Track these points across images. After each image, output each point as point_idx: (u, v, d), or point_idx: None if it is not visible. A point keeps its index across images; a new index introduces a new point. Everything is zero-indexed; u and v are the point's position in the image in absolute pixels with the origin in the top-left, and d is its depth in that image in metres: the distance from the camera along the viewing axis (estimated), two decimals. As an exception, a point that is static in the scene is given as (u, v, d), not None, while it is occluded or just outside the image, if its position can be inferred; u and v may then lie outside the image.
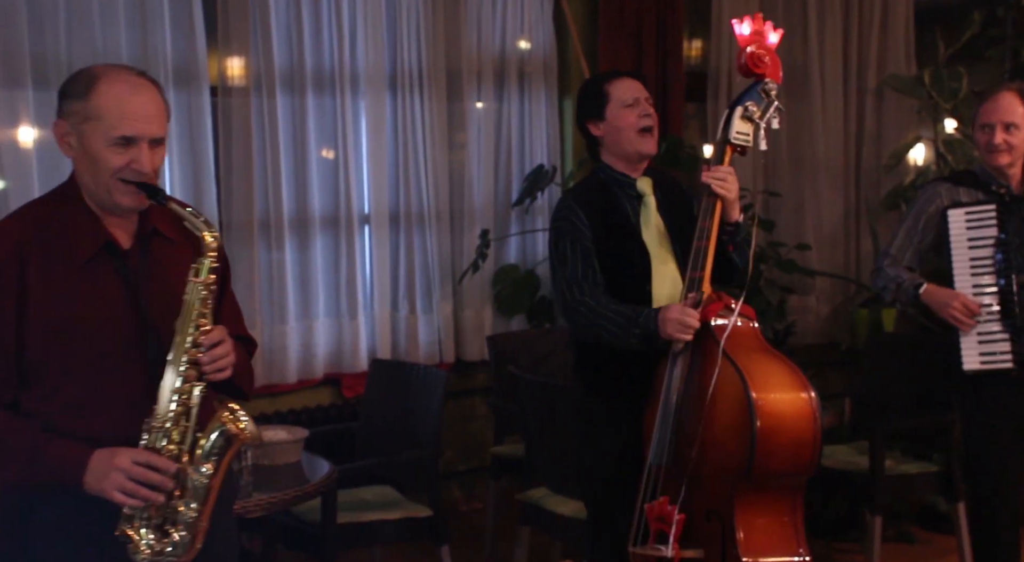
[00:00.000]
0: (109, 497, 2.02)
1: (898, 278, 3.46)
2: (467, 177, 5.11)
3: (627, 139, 3.08)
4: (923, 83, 5.39)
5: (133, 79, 2.13)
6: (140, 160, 2.08)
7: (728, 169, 2.97)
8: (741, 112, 2.97)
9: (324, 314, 4.78)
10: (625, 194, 3.12)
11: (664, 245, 3.08)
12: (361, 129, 4.85)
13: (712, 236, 2.94)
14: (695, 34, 5.85)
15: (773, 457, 2.79)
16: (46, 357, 2.06)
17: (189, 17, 4.36)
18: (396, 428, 4.05)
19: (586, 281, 3.03)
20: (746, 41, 2.98)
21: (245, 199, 4.55)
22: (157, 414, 2.07)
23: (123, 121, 2.06)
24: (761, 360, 2.89)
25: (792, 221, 5.75)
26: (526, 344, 4.82)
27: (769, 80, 2.98)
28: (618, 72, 3.19)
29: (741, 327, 2.94)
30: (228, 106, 4.51)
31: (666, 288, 3.06)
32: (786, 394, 2.84)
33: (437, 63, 4.98)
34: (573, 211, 3.08)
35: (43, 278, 2.06)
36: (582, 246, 3.05)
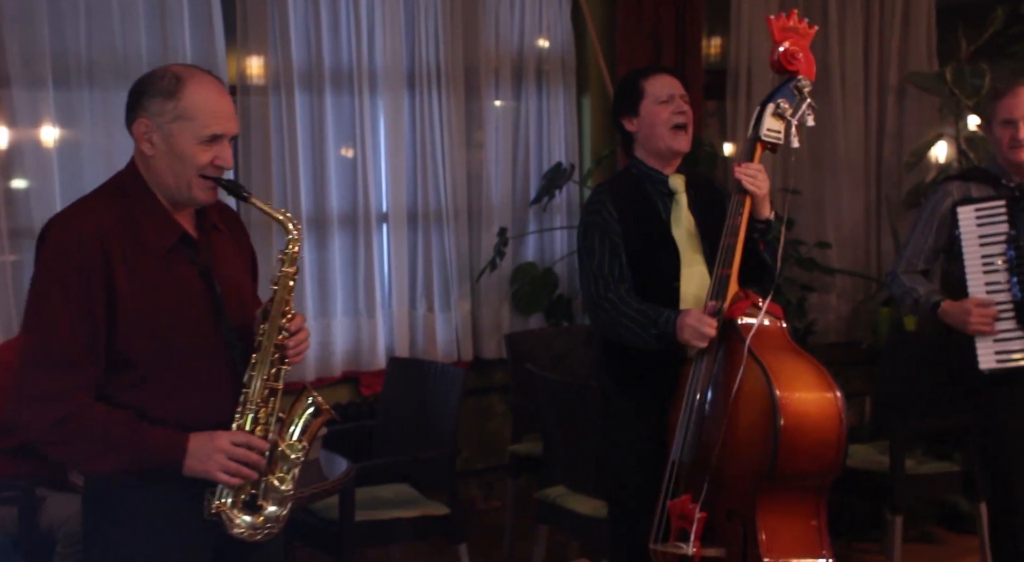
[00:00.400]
0: (212, 477, 2.13)
1: (914, 292, 3.40)
2: (485, 175, 5.10)
3: (659, 135, 3.07)
4: (945, 80, 5.34)
5: (214, 79, 2.23)
6: (225, 156, 2.20)
7: (758, 166, 2.95)
8: (773, 109, 2.95)
9: (342, 312, 4.78)
10: (657, 191, 3.11)
11: (693, 244, 3.07)
12: (379, 127, 4.84)
13: (741, 233, 2.92)
14: (714, 31, 5.81)
15: (796, 457, 2.77)
16: (135, 347, 2.13)
17: (208, 16, 4.37)
18: (414, 426, 4.04)
19: (611, 277, 3.03)
20: (780, 38, 2.96)
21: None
22: (250, 396, 2.17)
23: (215, 120, 2.16)
24: (787, 359, 2.87)
25: (812, 219, 5.71)
26: (544, 342, 4.80)
27: (802, 77, 2.96)
28: (655, 68, 3.21)
29: (768, 326, 2.92)
30: (247, 105, 4.51)
31: (693, 287, 3.04)
32: (811, 393, 2.82)
33: (455, 61, 4.97)
34: (604, 205, 3.08)
35: (129, 270, 2.13)
36: (610, 241, 3.04)
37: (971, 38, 5.54)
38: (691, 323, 2.85)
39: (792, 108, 2.94)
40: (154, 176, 2.20)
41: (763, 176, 2.93)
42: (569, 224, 5.30)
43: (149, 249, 2.17)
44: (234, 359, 2.21)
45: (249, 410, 2.18)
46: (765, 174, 2.94)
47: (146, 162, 2.20)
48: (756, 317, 2.88)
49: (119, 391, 2.14)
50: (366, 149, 4.77)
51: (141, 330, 2.13)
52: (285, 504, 2.22)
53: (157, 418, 2.14)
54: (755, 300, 2.92)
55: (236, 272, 2.31)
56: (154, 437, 2.12)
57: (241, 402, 2.18)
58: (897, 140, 5.86)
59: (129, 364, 2.14)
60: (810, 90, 2.95)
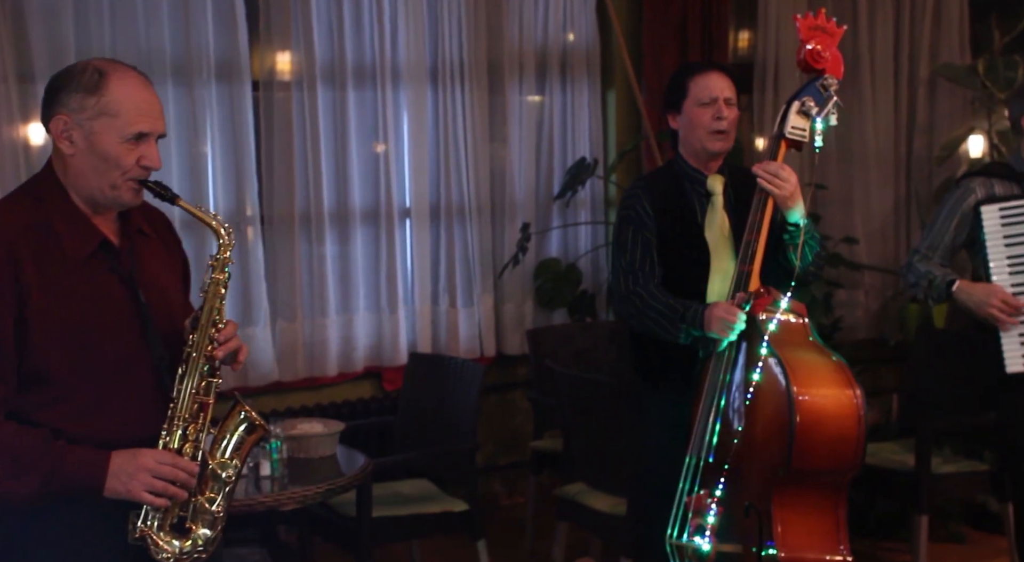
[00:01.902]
0: (136, 498, 2.01)
1: (929, 274, 3.33)
2: (508, 170, 5.08)
3: (697, 137, 3.05)
4: (977, 73, 5.27)
5: (139, 75, 2.11)
6: (152, 156, 2.07)
7: (780, 165, 2.91)
8: (798, 107, 2.92)
9: (364, 308, 4.78)
10: (695, 191, 3.09)
11: (726, 246, 3.06)
12: (402, 122, 4.84)
13: (763, 231, 2.90)
14: (742, 25, 5.75)
15: (812, 454, 2.73)
16: (51, 362, 2.00)
17: (231, 12, 4.38)
18: (434, 422, 4.03)
19: (642, 271, 3.04)
20: (807, 37, 2.93)
21: (286, 193, 4.56)
22: (178, 411, 2.06)
23: (140, 117, 2.04)
24: (806, 356, 2.84)
25: (840, 214, 5.64)
26: (567, 338, 4.78)
27: (829, 76, 2.93)
28: (705, 65, 3.15)
29: (789, 322, 2.88)
30: (270, 100, 4.52)
31: (718, 285, 3.04)
32: (829, 390, 2.78)
33: (479, 55, 4.95)
34: (639, 200, 3.08)
35: (41, 280, 2.00)
36: (643, 237, 3.05)
37: (1004, 29, 5.46)
38: (718, 314, 2.85)
39: (818, 106, 2.90)
40: (73, 177, 2.07)
41: (785, 174, 2.88)
42: (593, 219, 5.27)
43: (65, 257, 2.03)
44: (161, 372, 2.08)
45: (177, 426, 2.05)
46: (789, 172, 2.90)
47: (64, 162, 2.06)
48: (776, 314, 2.85)
49: (34, 409, 1.99)
50: (389, 144, 4.77)
51: (57, 344, 1.99)
52: (216, 526, 2.09)
53: (76, 436, 1.99)
54: (776, 296, 2.89)
55: (164, 279, 2.17)
56: (72, 456, 1.98)
57: (168, 418, 2.05)
58: (927, 134, 5.77)
59: (45, 380, 2.00)
60: (836, 89, 2.92)
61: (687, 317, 2.92)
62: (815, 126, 2.91)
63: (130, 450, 2.01)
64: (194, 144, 4.34)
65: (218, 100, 4.39)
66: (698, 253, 3.05)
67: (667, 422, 3.04)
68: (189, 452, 2.06)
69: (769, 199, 2.90)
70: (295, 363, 4.59)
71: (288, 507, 3.15)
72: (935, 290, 3.32)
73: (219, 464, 2.09)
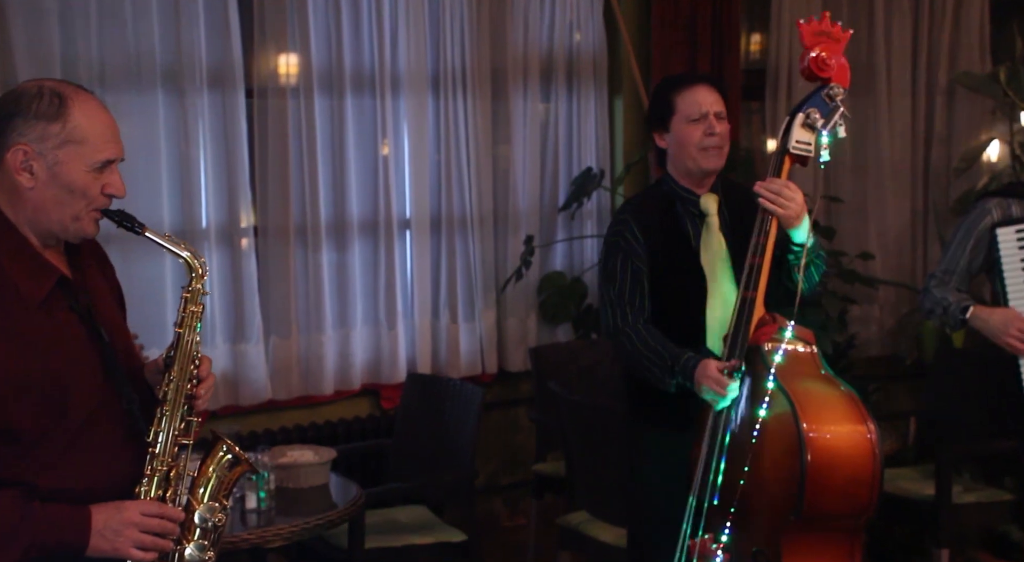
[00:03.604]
0: (125, 555, 1.89)
1: (944, 301, 3.16)
2: (512, 180, 4.92)
3: (689, 156, 2.87)
4: (999, 81, 5.10)
5: (94, 97, 1.97)
6: (117, 184, 1.94)
7: (783, 182, 2.74)
8: (802, 119, 2.74)
9: (362, 323, 4.62)
10: (688, 211, 2.92)
11: (724, 270, 2.88)
12: (402, 131, 4.68)
13: (767, 253, 2.72)
14: (754, 28, 5.59)
15: (825, 496, 2.56)
16: (16, 415, 1.84)
17: (224, 16, 4.23)
18: (431, 446, 3.88)
19: (631, 305, 2.86)
20: (811, 43, 2.76)
21: (281, 203, 4.40)
22: (157, 455, 1.94)
23: (106, 144, 1.91)
24: (816, 389, 2.67)
25: (855, 228, 5.46)
26: (570, 356, 4.62)
27: (835, 85, 2.75)
28: (691, 78, 2.95)
29: (797, 352, 2.71)
30: (264, 108, 4.37)
31: (719, 311, 2.86)
32: (842, 426, 2.61)
33: (481, 62, 4.79)
34: (628, 226, 2.90)
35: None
36: (633, 266, 2.87)
37: (1027, 36, 5.29)
38: (708, 383, 2.67)
39: (824, 118, 2.73)
40: (28, 211, 1.90)
41: (790, 193, 2.71)
42: (599, 232, 5.10)
43: (21, 299, 1.87)
44: (132, 414, 1.94)
45: (157, 471, 1.93)
46: (794, 190, 2.73)
47: (18, 196, 1.89)
48: (783, 343, 2.68)
49: (2, 466, 1.85)
50: (388, 153, 4.61)
51: (20, 395, 1.83)
52: None
53: (50, 493, 1.86)
54: (782, 324, 2.72)
55: (114, 312, 2.04)
56: (51, 520, 1.84)
57: (147, 463, 1.93)
58: (946, 144, 5.59)
59: (10, 435, 1.84)
60: (843, 98, 2.75)
61: (677, 370, 2.74)
62: (821, 140, 2.73)
63: (112, 504, 1.89)
64: (185, 153, 4.19)
65: (210, 108, 4.24)
66: (694, 279, 2.87)
67: (667, 462, 2.87)
68: (171, 498, 1.95)
69: (773, 219, 2.73)
70: (289, 381, 4.44)
71: (275, 544, 3.00)
72: (950, 318, 3.16)
73: (206, 508, 1.98)
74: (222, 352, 4.30)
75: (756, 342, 2.70)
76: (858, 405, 2.64)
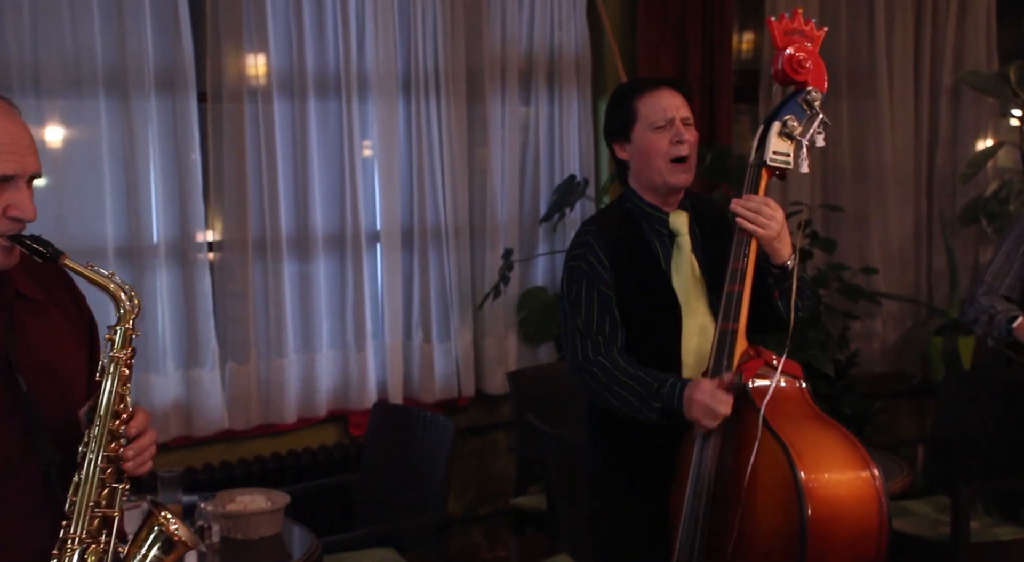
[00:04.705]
0: None
1: (991, 309, 3.02)
2: (489, 190, 4.59)
3: (655, 169, 2.56)
4: (1007, 80, 4.80)
5: (3, 103, 1.68)
6: (22, 205, 1.65)
7: (763, 199, 2.43)
8: (779, 128, 2.45)
9: (328, 345, 4.30)
10: (655, 231, 2.60)
11: (699, 295, 2.57)
12: (370, 136, 4.36)
13: (747, 279, 2.42)
14: (746, 26, 5.30)
15: (829, 553, 2.25)
16: None
17: (174, 13, 3.90)
18: (399, 483, 3.55)
19: (601, 335, 2.54)
20: (783, 42, 2.47)
21: (238, 216, 4.08)
22: (72, 531, 1.65)
23: (6, 156, 1.64)
24: (811, 431, 2.36)
25: (856, 238, 5.15)
26: (551, 379, 4.29)
27: (812, 89, 2.47)
28: (653, 81, 2.62)
29: (785, 388, 2.41)
30: (219, 112, 4.04)
31: (695, 341, 2.55)
32: (843, 474, 2.30)
33: (456, 62, 4.48)
34: (591, 249, 2.58)
35: None
36: (599, 292, 2.55)
37: (1036, 34, 4.99)
38: (702, 399, 2.34)
39: (801, 126, 2.44)
40: None
41: (770, 211, 2.40)
42: (583, 243, 4.78)
43: None
44: (51, 480, 1.69)
45: (71, 550, 1.65)
46: (774, 207, 2.42)
47: None
48: (770, 379, 2.36)
49: None
50: (355, 161, 4.29)
51: None
52: None
53: None
54: (768, 358, 2.41)
55: (57, 356, 1.76)
56: None
57: (60, 540, 1.66)
58: (952, 148, 5.28)
59: None
60: (821, 103, 2.46)
61: (663, 394, 2.42)
62: (801, 150, 2.44)
63: None
64: (131, 163, 3.86)
65: (159, 113, 3.91)
66: (667, 306, 2.55)
67: (638, 510, 2.55)
68: None
69: (752, 241, 2.42)
70: (248, 409, 4.11)
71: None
72: (995, 328, 3.03)
73: None
74: (174, 379, 3.98)
75: (742, 379, 2.39)
76: (858, 448, 2.33)
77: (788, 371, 2.42)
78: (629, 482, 2.58)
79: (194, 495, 3.01)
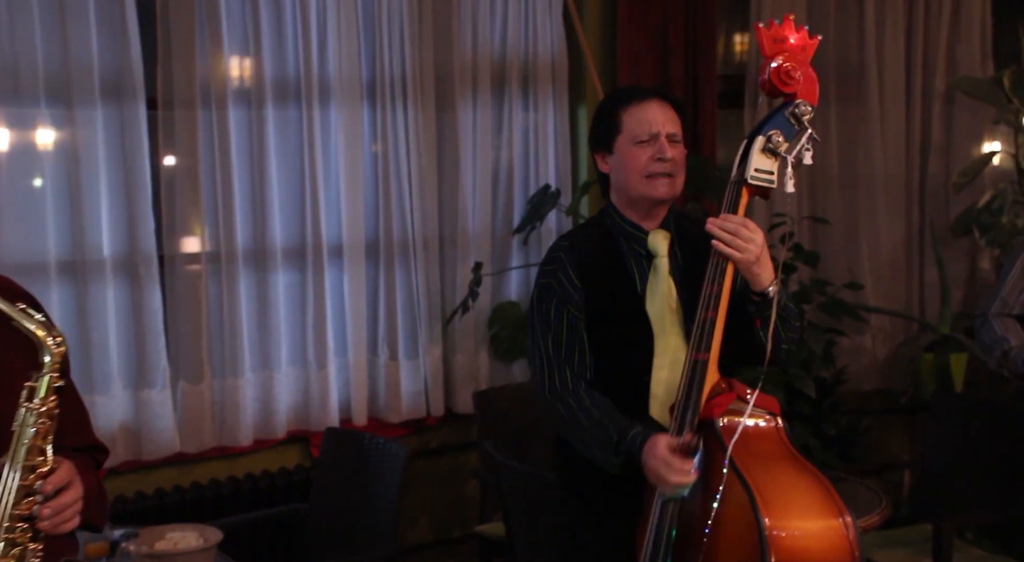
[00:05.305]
0: None
1: (1004, 343, 2.89)
2: (460, 200, 4.39)
3: (632, 184, 2.41)
4: (1002, 86, 4.59)
5: None
6: None
7: (741, 220, 2.25)
8: (762, 143, 2.28)
9: (288, 362, 4.10)
10: (633, 250, 2.44)
11: (674, 323, 2.39)
12: (333, 145, 4.16)
13: (721, 306, 2.24)
14: (732, 29, 5.09)
15: (794, 608, 2.06)
16: None
17: (121, 17, 3.70)
18: (351, 514, 3.35)
19: (568, 365, 2.38)
20: (772, 51, 2.29)
21: (191, 229, 3.89)
22: None
23: None
24: (782, 474, 2.18)
25: (844, 250, 4.94)
26: (521, 399, 4.09)
27: (801, 101, 2.29)
28: (643, 92, 2.46)
29: (759, 427, 2.23)
30: (170, 120, 3.84)
31: (666, 372, 2.38)
32: (812, 522, 2.12)
33: (424, 67, 4.27)
34: (563, 267, 2.42)
35: None
36: (569, 314, 2.39)
37: (1033, 37, 4.78)
38: (655, 467, 2.18)
39: (788, 142, 2.26)
40: None
41: (748, 233, 2.23)
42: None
43: None
44: None
45: None
46: (753, 229, 2.24)
47: None
48: (742, 416, 2.18)
49: None
50: (316, 170, 4.09)
51: None
52: None
53: None
54: (742, 392, 2.22)
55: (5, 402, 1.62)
56: None
57: None
58: (944, 156, 5.07)
59: None
60: (810, 118, 2.28)
61: (622, 448, 2.26)
62: (786, 167, 2.26)
63: None
64: (75, 175, 3.66)
65: (105, 121, 3.71)
66: (639, 333, 2.38)
67: (604, 546, 2.41)
68: None
69: (729, 265, 2.24)
70: (201, 432, 3.91)
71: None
72: (1011, 363, 2.92)
73: None
74: (121, 401, 3.78)
75: (708, 415, 2.22)
76: (832, 494, 2.15)
77: (764, 407, 2.25)
78: (595, 516, 2.42)
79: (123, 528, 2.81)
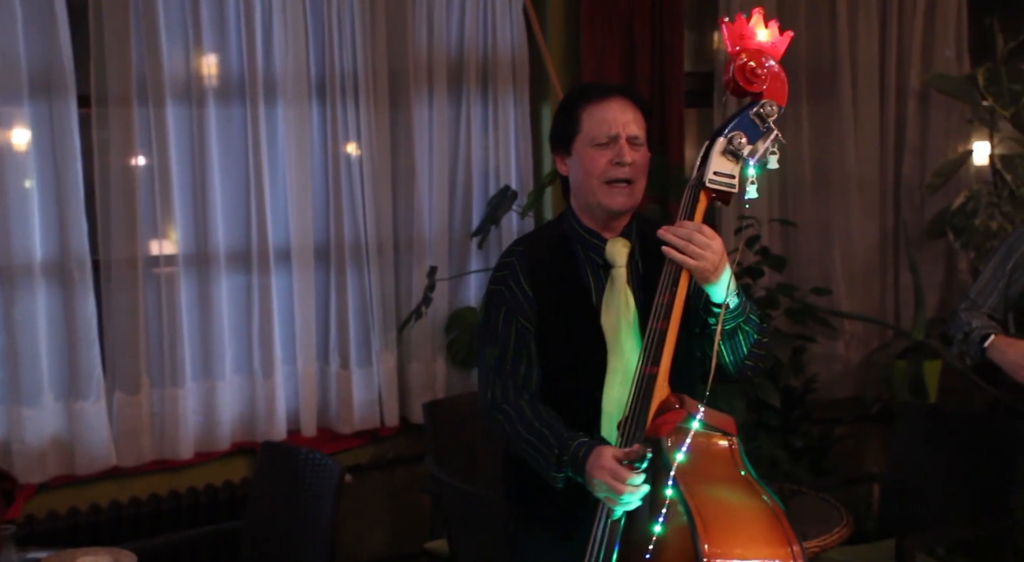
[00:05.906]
0: None
1: (966, 326, 2.80)
2: (415, 201, 4.22)
3: (589, 189, 2.25)
4: (976, 84, 4.45)
5: None
6: None
7: (697, 225, 2.09)
8: (723, 145, 2.11)
9: (232, 371, 3.93)
10: (590, 259, 2.29)
11: (629, 337, 2.24)
12: (279, 144, 3.99)
13: (672, 318, 2.08)
14: (699, 25, 4.93)
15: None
16: None
17: (50, 10, 3.53)
18: (283, 534, 3.17)
19: (512, 377, 2.24)
20: (736, 48, 2.13)
21: (126, 232, 3.71)
22: None
23: None
24: (727, 497, 2.01)
25: (815, 253, 4.78)
26: (475, 411, 3.91)
27: (768, 101, 2.13)
28: (605, 89, 2.30)
29: (712, 447, 2.06)
30: (104, 118, 3.68)
31: (616, 388, 2.22)
32: (755, 550, 1.95)
33: (377, 63, 4.11)
34: (514, 274, 2.28)
35: None
36: (518, 325, 2.25)
37: (1009, 34, 4.64)
38: (601, 478, 2.03)
39: (751, 145, 2.10)
40: None
41: (703, 240, 2.06)
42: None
43: None
44: None
45: None
46: (710, 235, 2.08)
47: None
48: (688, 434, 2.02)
49: None
50: (261, 171, 3.92)
51: None
52: None
53: None
54: (692, 409, 2.06)
55: None
56: None
57: None
58: (919, 156, 4.91)
59: None
60: (777, 119, 2.11)
61: (565, 459, 2.12)
62: (747, 172, 2.09)
63: None
64: (1, 175, 3.49)
65: (34, 119, 3.55)
66: (591, 346, 2.23)
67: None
68: None
69: (683, 273, 2.09)
70: (138, 444, 3.74)
71: None
72: (970, 345, 2.80)
73: None
74: (52, 413, 3.61)
75: (655, 433, 2.05)
76: (781, 521, 1.98)
77: (719, 426, 2.07)
78: (539, 534, 2.30)
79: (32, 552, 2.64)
